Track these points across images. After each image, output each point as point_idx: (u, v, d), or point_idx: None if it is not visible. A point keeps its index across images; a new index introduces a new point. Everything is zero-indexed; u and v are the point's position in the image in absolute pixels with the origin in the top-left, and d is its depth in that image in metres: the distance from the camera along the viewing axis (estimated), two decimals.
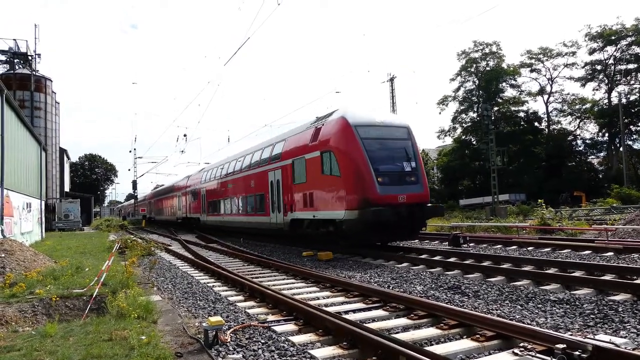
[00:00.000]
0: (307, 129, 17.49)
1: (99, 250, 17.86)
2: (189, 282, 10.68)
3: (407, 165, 14.76)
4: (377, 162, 14.13)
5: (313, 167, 16.09)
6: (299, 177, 17.25)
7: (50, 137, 43.71)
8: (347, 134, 14.52)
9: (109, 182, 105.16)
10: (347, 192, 13.99)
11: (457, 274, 10.40)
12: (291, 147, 18.47)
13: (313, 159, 16.15)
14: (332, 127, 15.41)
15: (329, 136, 15.30)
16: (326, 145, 15.28)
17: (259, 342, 5.70)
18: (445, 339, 5.82)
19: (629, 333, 5.72)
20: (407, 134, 15.62)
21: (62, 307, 8.05)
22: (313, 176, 16.11)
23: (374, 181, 13.65)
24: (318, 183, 15.74)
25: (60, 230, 40.14)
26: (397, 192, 14.02)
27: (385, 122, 15.46)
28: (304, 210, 16.83)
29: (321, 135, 15.87)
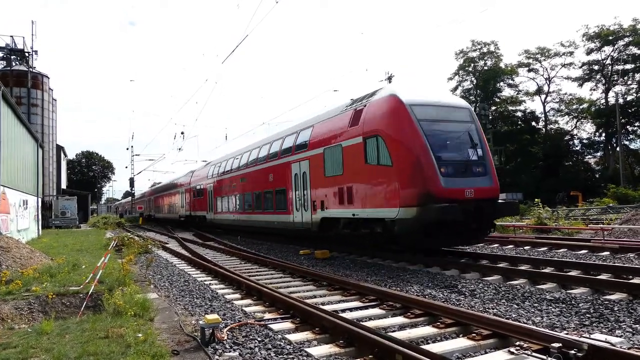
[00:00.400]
0: (342, 112, 15.13)
1: (96, 248, 17.83)
2: (186, 280, 10.67)
3: (473, 153, 12.44)
4: (438, 148, 11.75)
5: (353, 156, 13.65)
6: (333, 169, 14.87)
7: (47, 134, 43.59)
8: (400, 114, 12.06)
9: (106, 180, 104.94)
10: (403, 185, 11.52)
11: (453, 273, 10.41)
12: (322, 133, 15.99)
13: (353, 146, 13.67)
14: (380, 107, 12.88)
15: (376, 118, 12.79)
16: (372, 129, 12.75)
17: (256, 340, 5.70)
18: (441, 338, 5.83)
19: (624, 332, 5.75)
20: (470, 115, 13.19)
21: (59, 304, 8.03)
22: (353, 167, 13.68)
23: (436, 172, 11.26)
24: (360, 175, 13.30)
25: (56, 227, 40.06)
26: (463, 186, 11.59)
27: (443, 102, 12.99)
28: (339, 208, 14.44)
29: (364, 117, 13.35)
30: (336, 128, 15.06)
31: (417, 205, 11.10)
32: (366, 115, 13.36)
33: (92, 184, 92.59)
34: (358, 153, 13.42)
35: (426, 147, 11.42)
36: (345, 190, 14.06)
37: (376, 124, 12.73)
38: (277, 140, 20.25)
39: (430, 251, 12.70)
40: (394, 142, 12.01)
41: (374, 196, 12.57)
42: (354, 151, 13.63)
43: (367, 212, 12.93)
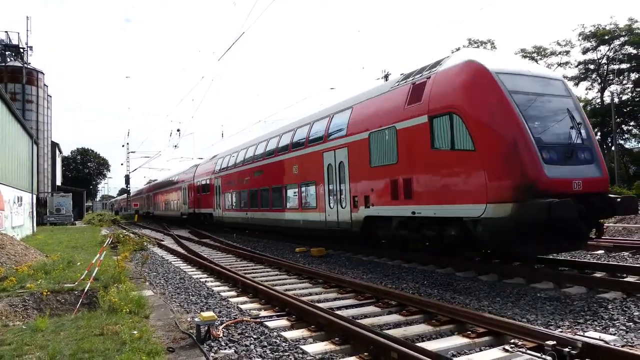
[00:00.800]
0: (394, 88, 12.60)
1: (91, 245, 17.77)
2: (182, 277, 10.65)
3: (576, 135, 9.89)
4: (537, 128, 9.44)
5: (413, 140, 11.17)
6: (383, 157, 12.38)
7: (42, 131, 43.39)
8: (486, 85, 9.65)
9: (102, 177, 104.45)
10: (492, 174, 9.07)
11: (448, 271, 10.44)
12: (365, 115, 13.54)
13: (413, 128, 11.12)
14: (455, 77, 10.36)
15: (450, 92, 10.26)
16: (443, 106, 10.24)
17: (251, 338, 5.70)
18: (436, 336, 5.86)
19: (618, 330, 5.78)
20: (566, 88, 10.74)
21: (53, 301, 8.00)
22: (413, 153, 11.19)
23: (538, 158, 8.94)
24: (423, 163, 10.81)
25: (51, 224, 39.91)
26: (570, 175, 9.21)
27: (533, 72, 10.59)
28: (392, 204, 11.97)
29: (430, 92, 10.78)
30: (386, 108, 12.50)
31: (514, 200, 8.72)
32: (432, 89, 10.79)
33: (87, 181, 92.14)
34: (421, 136, 10.94)
35: (523, 126, 9.08)
36: (402, 182, 11.56)
37: (450, 99, 10.19)
38: (302, 126, 17.53)
39: (524, 259, 10.43)
40: (478, 121, 9.53)
41: (446, 189, 10.13)
42: (415, 134, 11.15)
43: (435, 209, 10.46)
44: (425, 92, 10.99)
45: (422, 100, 11.01)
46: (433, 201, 10.55)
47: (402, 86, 12.14)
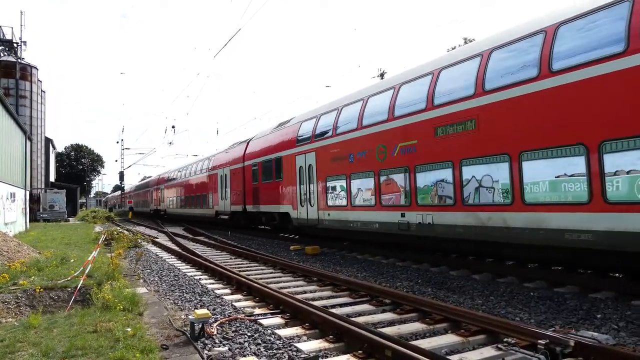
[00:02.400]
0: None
1: (85, 242, 17.68)
2: (176, 275, 10.63)
3: None
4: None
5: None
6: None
7: (36, 127, 43.06)
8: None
9: (96, 173, 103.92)
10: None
11: (442, 269, 10.47)
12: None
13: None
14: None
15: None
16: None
17: (245, 335, 5.70)
18: (430, 334, 5.88)
19: (610, 329, 5.83)
20: None
21: (46, 298, 7.96)
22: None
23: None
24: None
25: (45, 220, 39.63)
26: None
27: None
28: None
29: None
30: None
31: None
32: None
33: (81, 178, 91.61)
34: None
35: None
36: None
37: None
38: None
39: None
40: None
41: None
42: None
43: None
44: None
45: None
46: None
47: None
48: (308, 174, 16.14)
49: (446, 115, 10.18)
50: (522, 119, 8.52)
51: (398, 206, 11.63)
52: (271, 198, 19.13)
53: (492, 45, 9.51)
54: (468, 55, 10.20)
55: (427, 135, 10.67)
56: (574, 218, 7.57)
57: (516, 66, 8.78)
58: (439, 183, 10.37)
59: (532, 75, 8.34)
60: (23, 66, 42.29)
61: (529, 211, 8.32)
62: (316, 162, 15.60)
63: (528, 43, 8.68)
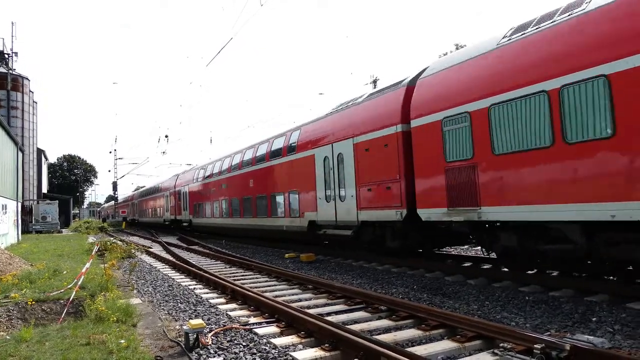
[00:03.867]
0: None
1: (78, 253, 17.53)
2: (170, 285, 10.55)
3: None
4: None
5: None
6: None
7: (28, 138, 42.82)
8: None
9: (89, 184, 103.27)
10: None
11: (438, 275, 10.47)
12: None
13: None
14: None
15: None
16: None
17: (241, 345, 5.65)
18: (426, 340, 5.85)
19: (605, 332, 5.83)
20: None
21: (39, 311, 7.87)
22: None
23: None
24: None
25: (37, 232, 39.32)
26: None
27: None
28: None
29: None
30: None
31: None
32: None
33: (74, 188, 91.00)
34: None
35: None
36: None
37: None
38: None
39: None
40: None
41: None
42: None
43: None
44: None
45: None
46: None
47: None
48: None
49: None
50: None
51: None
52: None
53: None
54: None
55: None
56: None
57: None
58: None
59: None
60: (14, 77, 42.11)
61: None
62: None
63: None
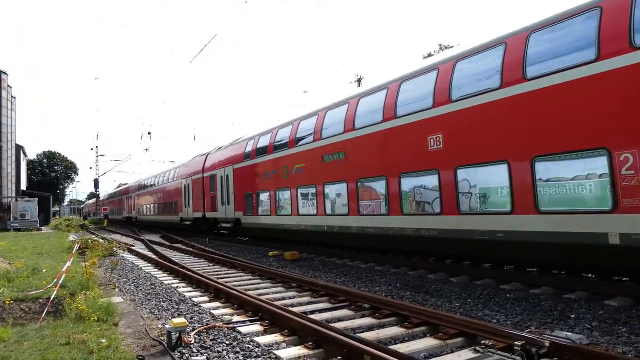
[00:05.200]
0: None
1: (58, 251, 17.23)
2: (152, 283, 10.44)
3: None
4: None
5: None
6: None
7: (6, 133, 41.94)
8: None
9: (69, 181, 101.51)
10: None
11: (420, 273, 10.55)
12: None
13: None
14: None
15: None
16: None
17: (224, 343, 5.63)
18: (409, 338, 5.90)
19: (583, 329, 5.95)
20: None
21: (17, 310, 7.73)
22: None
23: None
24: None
25: (15, 230, 38.51)
26: None
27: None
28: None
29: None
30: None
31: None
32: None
33: (54, 185, 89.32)
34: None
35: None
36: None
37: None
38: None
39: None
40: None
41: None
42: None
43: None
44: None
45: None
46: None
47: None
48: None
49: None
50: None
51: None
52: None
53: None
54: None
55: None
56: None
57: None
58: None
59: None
60: None
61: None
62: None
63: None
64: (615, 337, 5.62)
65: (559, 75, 7.65)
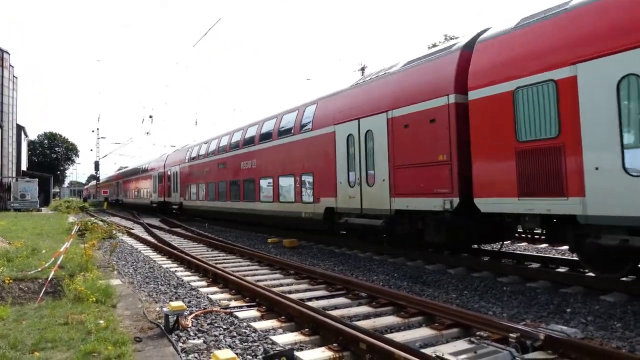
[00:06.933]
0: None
1: (57, 232, 17.30)
2: (151, 267, 10.49)
3: None
4: None
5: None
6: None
7: (7, 113, 41.88)
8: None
9: (70, 162, 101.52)
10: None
11: (418, 264, 10.58)
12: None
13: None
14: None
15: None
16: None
17: (221, 328, 5.67)
18: (405, 327, 5.94)
19: (579, 323, 5.99)
20: None
21: (16, 289, 7.77)
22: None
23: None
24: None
25: (15, 210, 38.66)
26: None
27: None
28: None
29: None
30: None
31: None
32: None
33: (54, 167, 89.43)
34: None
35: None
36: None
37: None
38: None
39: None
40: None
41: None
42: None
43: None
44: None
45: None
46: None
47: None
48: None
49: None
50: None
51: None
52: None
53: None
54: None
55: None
56: None
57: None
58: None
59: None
60: None
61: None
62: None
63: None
64: (610, 332, 5.65)
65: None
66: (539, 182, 7.62)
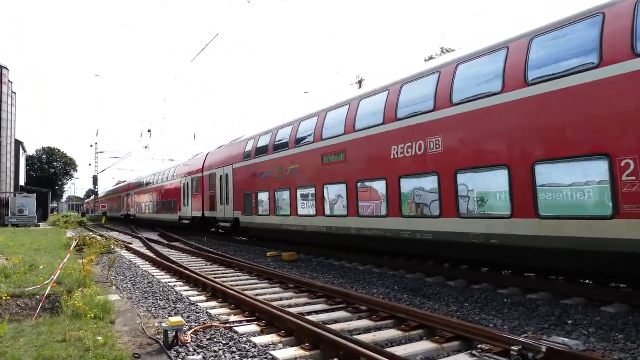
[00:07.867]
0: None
1: (55, 248, 17.21)
2: (150, 281, 10.43)
3: None
4: None
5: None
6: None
7: (5, 128, 41.94)
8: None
9: (68, 177, 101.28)
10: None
11: (418, 276, 10.55)
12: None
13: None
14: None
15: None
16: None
17: (220, 343, 5.62)
18: (406, 340, 5.90)
19: (580, 335, 5.95)
20: None
21: (13, 306, 7.71)
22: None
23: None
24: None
25: (13, 225, 38.49)
26: None
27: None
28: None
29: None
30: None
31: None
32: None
33: (52, 181, 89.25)
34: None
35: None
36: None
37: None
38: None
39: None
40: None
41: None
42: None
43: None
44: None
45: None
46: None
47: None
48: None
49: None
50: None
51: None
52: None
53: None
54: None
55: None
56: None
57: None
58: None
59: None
60: None
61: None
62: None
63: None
64: (612, 343, 5.62)
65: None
66: None
